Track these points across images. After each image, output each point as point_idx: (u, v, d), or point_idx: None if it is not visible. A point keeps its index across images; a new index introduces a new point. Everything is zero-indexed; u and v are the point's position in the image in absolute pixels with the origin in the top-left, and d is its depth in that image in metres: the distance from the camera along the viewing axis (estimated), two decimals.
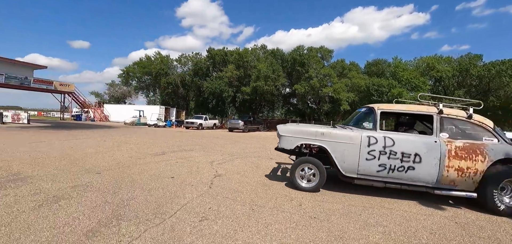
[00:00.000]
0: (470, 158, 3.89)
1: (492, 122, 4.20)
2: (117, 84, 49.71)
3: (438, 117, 4.16)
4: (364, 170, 4.25)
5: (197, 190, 4.34)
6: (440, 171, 3.95)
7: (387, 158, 4.12)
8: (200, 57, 39.01)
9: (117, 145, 9.47)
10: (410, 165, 4.06)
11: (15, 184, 4.14)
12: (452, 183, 3.97)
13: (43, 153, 7.15)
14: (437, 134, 4.09)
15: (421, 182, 4.08)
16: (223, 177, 5.35)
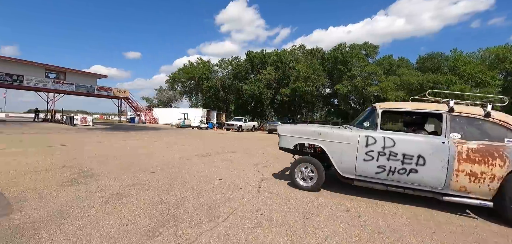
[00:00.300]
0: (485, 162, 3.42)
1: None
2: (164, 90, 53.83)
3: (448, 116, 3.76)
4: (362, 171, 4.06)
5: (246, 193, 4.26)
6: (448, 175, 3.56)
7: (387, 159, 3.87)
8: (239, 61, 39.97)
9: (166, 146, 10.08)
10: (412, 168, 3.74)
11: (86, 180, 4.59)
12: (463, 189, 3.55)
13: (106, 152, 7.94)
14: (447, 134, 3.70)
15: (426, 187, 3.73)
16: (270, 180, 5.20)
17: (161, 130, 22.77)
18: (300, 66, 31.10)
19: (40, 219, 2.91)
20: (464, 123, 3.72)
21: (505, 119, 3.59)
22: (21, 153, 7.19)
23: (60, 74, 31.21)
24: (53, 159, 6.48)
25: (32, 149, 7.91)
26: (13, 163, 5.81)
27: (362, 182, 4.13)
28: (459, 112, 3.76)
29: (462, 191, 3.56)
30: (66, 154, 7.31)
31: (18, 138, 10.88)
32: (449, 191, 3.62)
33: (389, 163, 3.86)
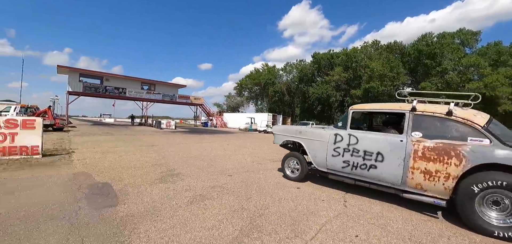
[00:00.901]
0: (440, 161, 3.34)
1: (487, 118, 3.41)
2: (232, 96, 57.49)
3: (411, 115, 3.78)
4: (332, 166, 4.46)
5: (330, 207, 3.74)
6: (404, 173, 3.65)
7: (350, 155, 4.20)
8: (304, 64, 39.06)
9: (238, 149, 10.37)
10: (372, 164, 3.98)
11: (173, 178, 4.94)
12: (419, 186, 3.57)
13: (187, 153, 8.66)
14: (408, 133, 3.74)
15: (385, 182, 3.90)
16: (355, 195, 4.50)
17: (231, 133, 24.07)
18: (374, 64, 27.99)
19: (138, 214, 3.14)
20: (426, 121, 3.68)
21: (468, 117, 3.40)
22: (125, 151, 8.54)
23: (151, 86, 37.08)
24: (147, 157, 7.40)
25: (131, 148, 9.33)
26: (119, 159, 6.88)
27: (333, 175, 4.52)
28: (421, 111, 3.75)
29: (418, 189, 3.57)
30: (156, 153, 8.28)
31: (122, 138, 13.17)
32: (406, 188, 3.68)
33: (352, 158, 4.18)
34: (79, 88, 29.33)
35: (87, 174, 5.07)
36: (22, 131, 6.92)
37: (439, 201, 3.39)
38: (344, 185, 4.95)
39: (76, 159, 6.84)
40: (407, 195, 3.66)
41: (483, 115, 3.53)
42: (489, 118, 3.51)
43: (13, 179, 4.55)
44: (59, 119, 19.31)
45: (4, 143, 6.68)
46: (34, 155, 6.95)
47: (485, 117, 3.49)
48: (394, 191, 3.80)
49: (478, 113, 3.53)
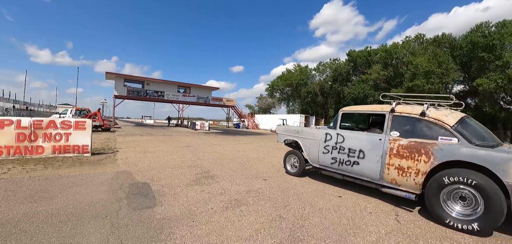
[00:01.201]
0: (412, 158, 3.61)
1: (458, 118, 3.60)
2: (264, 97, 57.50)
3: (390, 116, 4.05)
4: (323, 162, 4.91)
5: (380, 221, 3.29)
6: (382, 168, 3.93)
7: (337, 152, 4.61)
8: (338, 62, 37.35)
9: (272, 151, 10.13)
10: (355, 160, 4.32)
11: (207, 181, 4.90)
12: (394, 181, 3.81)
13: (220, 154, 8.69)
14: (387, 132, 4.00)
15: (366, 177, 4.18)
16: (408, 211, 3.94)
17: (263, 135, 23.95)
18: (418, 60, 25.50)
19: (175, 217, 3.09)
20: (403, 122, 3.93)
21: (439, 117, 3.61)
22: (163, 151, 8.89)
23: (186, 89, 38.84)
24: (183, 158, 7.57)
25: (169, 148, 9.69)
26: (157, 159, 7.13)
27: (325, 171, 4.92)
28: (399, 112, 3.99)
29: (393, 183, 3.81)
30: (192, 154, 8.44)
31: (161, 139, 13.85)
32: (383, 182, 3.93)
33: (339, 155, 4.57)
34: (124, 92, 31.92)
35: (128, 173, 5.28)
36: (75, 132, 7.59)
37: (410, 194, 3.63)
38: (393, 198, 4.40)
39: (119, 157, 7.26)
40: (385, 190, 3.92)
41: (455, 115, 3.68)
42: (461, 118, 3.66)
43: (67, 176, 4.92)
44: (106, 121, 21.17)
45: (60, 142, 7.39)
46: (84, 154, 7.56)
47: (456, 117, 3.64)
48: (375, 186, 4.09)
49: (450, 114, 3.71)
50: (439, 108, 3.97)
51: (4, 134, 6.91)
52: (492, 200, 2.89)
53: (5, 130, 6.95)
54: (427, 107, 3.81)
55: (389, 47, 31.23)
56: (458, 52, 26.71)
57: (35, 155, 7.06)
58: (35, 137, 7.17)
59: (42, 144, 7.20)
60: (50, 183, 4.39)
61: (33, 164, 6.10)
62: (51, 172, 5.20)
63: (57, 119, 7.53)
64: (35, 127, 7.21)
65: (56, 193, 3.86)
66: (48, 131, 7.32)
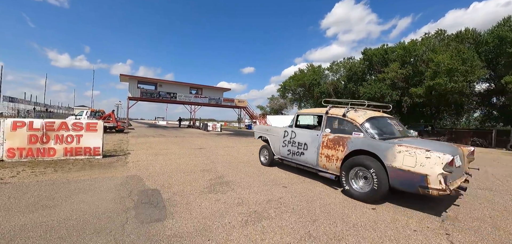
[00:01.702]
0: (334, 148, 4.61)
1: (366, 118, 4.54)
2: (275, 98, 56.90)
3: (325, 117, 5.09)
4: (282, 153, 6.01)
5: (428, 240, 2.73)
6: (317, 157, 4.96)
7: (291, 146, 5.68)
8: (353, 61, 36.18)
9: None
10: (301, 151, 5.39)
11: (222, 188, 4.47)
12: (324, 166, 4.82)
13: (234, 157, 8.28)
14: (323, 129, 5.02)
15: (309, 165, 5.19)
16: (460, 226, 3.34)
17: None
18: (440, 57, 24.14)
19: (187, 234, 2.67)
20: (332, 121, 5.05)
21: (354, 117, 4.62)
22: (175, 153, 8.59)
23: (198, 90, 38.91)
24: (196, 161, 7.21)
25: (181, 151, 9.39)
26: (169, 162, 6.81)
27: (285, 161, 6.02)
28: (331, 114, 5.04)
29: (324, 168, 4.84)
30: (205, 157, 8.08)
31: (173, 141, 13.65)
32: (318, 168, 4.96)
33: (292, 148, 5.66)
34: (137, 94, 32.33)
35: (139, 178, 4.96)
36: (86, 133, 7.41)
37: (331, 175, 4.63)
38: (434, 210, 3.80)
39: (131, 160, 7.00)
40: (321, 173, 4.88)
41: (365, 116, 4.59)
42: (368, 117, 4.58)
43: (75, 180, 4.65)
44: (120, 122, 21.36)
45: (71, 144, 7.22)
46: (96, 156, 7.37)
47: (365, 117, 4.56)
48: (315, 171, 5.05)
49: (363, 114, 4.63)
50: (357, 111, 4.86)
51: (17, 136, 6.81)
52: (380, 178, 3.76)
53: (18, 131, 6.85)
54: (347, 110, 4.82)
55: (407, 45, 29.86)
56: (483, 48, 25.10)
57: (47, 157, 6.92)
58: (47, 138, 7.03)
59: (54, 146, 7.06)
60: (57, 189, 4.11)
61: (44, 166, 5.92)
62: (59, 176, 4.96)
63: (69, 120, 7.38)
64: (47, 129, 7.08)
65: (61, 201, 3.56)
66: (60, 133, 7.17)
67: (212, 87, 40.82)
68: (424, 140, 4.83)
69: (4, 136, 6.71)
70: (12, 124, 6.82)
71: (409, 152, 3.56)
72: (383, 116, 5.03)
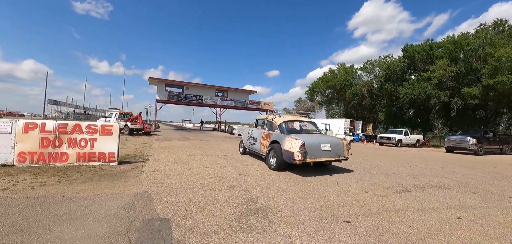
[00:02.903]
0: (266, 139, 7.33)
1: (281, 121, 7.19)
2: (302, 101, 54.67)
3: (267, 120, 7.93)
4: (247, 146, 8.96)
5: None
6: (260, 146, 7.77)
7: (251, 139, 8.54)
8: (391, 60, 32.94)
9: None
10: (254, 143, 8.23)
11: (258, 221, 3.13)
12: (262, 151, 7.47)
13: (267, 168, 6.94)
14: (264, 128, 7.89)
15: (257, 151, 7.91)
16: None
17: None
18: (502, 51, 20.56)
19: None
20: (269, 123, 7.70)
21: (276, 120, 7.36)
22: (197, 160, 7.49)
23: (224, 93, 38.41)
24: (221, 172, 5.99)
25: (205, 158, 8.29)
26: (189, 173, 5.66)
27: (249, 150, 8.95)
28: (268, 119, 7.87)
29: (263, 153, 7.42)
30: (231, 167, 6.86)
31: (197, 145, 12.72)
32: (261, 153, 7.65)
33: (251, 140, 8.52)
34: (165, 96, 32.61)
35: (148, 198, 3.82)
36: (101, 137, 6.59)
37: (263, 154, 7.39)
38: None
39: (147, 169, 6.00)
40: (263, 157, 7.45)
41: (282, 119, 7.32)
42: (283, 121, 7.20)
43: (72, 199, 3.66)
44: (147, 125, 21.21)
45: (85, 149, 6.44)
46: (110, 162, 6.51)
47: (281, 120, 7.24)
48: (259, 155, 7.90)
49: (280, 119, 7.32)
50: (281, 116, 7.96)
51: (29, 139, 6.17)
52: (278, 155, 6.39)
53: (30, 134, 6.21)
54: (273, 117, 7.81)
55: (458, 39, 26.20)
56: None
57: (59, 163, 6.20)
58: (59, 142, 6.32)
59: (67, 150, 6.32)
60: (42, 212, 3.10)
61: (49, 175, 5.11)
62: (57, 191, 4.02)
63: (84, 123, 6.61)
64: (59, 131, 6.36)
65: (41, 231, 2.51)
66: (73, 136, 6.42)
67: (238, 90, 40.09)
68: (303, 134, 6.90)
69: (15, 138, 6.11)
70: (24, 125, 6.20)
71: (290, 140, 6.09)
72: (295, 120, 7.73)
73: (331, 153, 6.37)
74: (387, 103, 33.21)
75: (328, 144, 6.36)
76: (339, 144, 6.64)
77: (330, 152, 6.35)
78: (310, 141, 6.10)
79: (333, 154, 6.41)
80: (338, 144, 6.63)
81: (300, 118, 8.10)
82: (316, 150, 6.11)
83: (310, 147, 5.96)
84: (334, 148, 6.44)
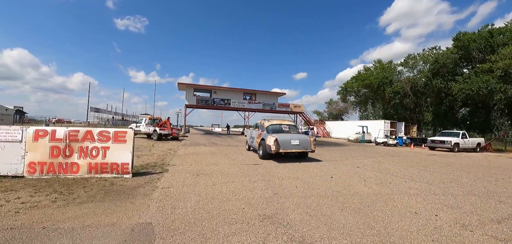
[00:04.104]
0: (258, 138, 9.77)
1: (268, 124, 9.87)
2: (334, 102, 51.62)
3: (261, 124, 10.54)
4: (249, 143, 11.68)
5: None
6: (254, 142, 10.64)
7: (252, 138, 11.26)
8: (438, 52, 29.02)
9: (384, 179, 6.42)
10: (252, 141, 11.09)
11: None
12: (256, 146, 10.18)
13: (308, 184, 5.53)
14: (259, 130, 10.42)
15: (255, 147, 10.44)
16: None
17: (343, 146, 19.61)
18: None
19: None
20: (262, 126, 10.27)
21: (265, 124, 10.02)
22: (222, 172, 6.36)
23: (252, 96, 37.50)
24: (250, 191, 4.73)
25: (231, 169, 7.13)
26: (211, 192, 4.50)
27: (251, 147, 11.51)
28: (261, 123, 10.65)
29: (256, 147, 10.18)
30: (263, 182, 5.57)
31: (225, 151, 11.69)
32: (256, 148, 10.49)
33: (251, 139, 11.27)
34: (193, 101, 32.68)
35: (149, 237, 2.69)
36: (113, 145, 5.76)
37: (256, 148, 10.55)
38: None
39: (161, 185, 4.97)
40: (257, 151, 10.25)
41: (269, 122, 10.02)
42: (270, 124, 9.82)
43: (52, 232, 2.68)
44: (175, 130, 20.95)
45: (96, 159, 5.65)
46: (124, 174, 5.64)
47: (269, 123, 9.94)
48: (254, 150, 11.31)
49: (268, 123, 10.01)
50: (269, 120, 10.31)
51: (39, 147, 5.55)
52: (264, 148, 8.87)
53: (39, 142, 5.60)
54: (264, 121, 10.43)
55: None
56: None
57: (69, 174, 5.49)
58: (70, 151, 5.62)
59: (77, 161, 5.59)
60: None
61: (51, 191, 4.38)
62: (44, 217, 3.15)
63: (96, 130, 5.86)
64: (70, 139, 5.67)
65: None
66: (84, 144, 5.69)
67: (266, 92, 38.94)
68: (280, 133, 9.18)
69: (26, 147, 5.55)
70: (34, 132, 5.61)
71: (270, 137, 8.70)
72: (279, 123, 10.16)
73: (299, 146, 8.76)
74: (435, 102, 29.33)
75: (297, 140, 8.82)
76: (307, 140, 9.08)
77: (299, 145, 8.74)
78: (282, 138, 8.63)
79: (301, 147, 8.80)
80: (306, 140, 9.06)
81: (283, 122, 10.61)
82: (287, 144, 8.56)
83: (282, 142, 8.47)
84: (302, 142, 8.84)
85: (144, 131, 19.72)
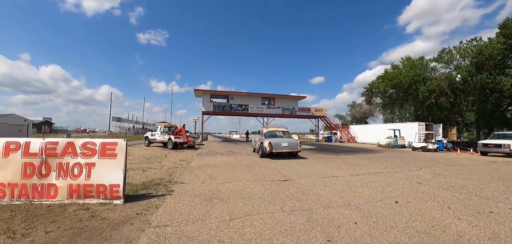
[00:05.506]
0: (259, 142, 12.98)
1: (266, 131, 13.16)
2: (358, 105, 48.60)
3: (261, 131, 13.72)
4: (254, 146, 14.82)
5: None
6: (256, 146, 14.04)
7: (255, 142, 14.12)
8: (481, 44, 25.72)
9: (473, 204, 4.53)
10: (255, 145, 14.58)
11: None
12: (257, 148, 13.48)
13: (361, 211, 3.82)
14: (260, 135, 13.55)
15: (257, 150, 13.55)
16: None
17: (372, 152, 17.35)
18: None
19: None
20: (262, 132, 13.59)
21: (263, 130, 13.62)
22: (242, 195, 4.79)
23: (270, 100, 35.92)
24: (285, 227, 3.10)
25: (254, 188, 5.55)
26: (228, 235, 2.93)
27: (255, 149, 14.59)
28: (261, 130, 14.20)
29: (258, 148, 13.64)
30: (302, 211, 3.93)
31: (244, 162, 10.16)
32: (258, 150, 13.28)
33: (254, 143, 14.62)
34: (210, 107, 31.72)
35: None
36: (100, 161, 4.41)
37: (257, 150, 14.07)
38: None
39: (156, 222, 3.48)
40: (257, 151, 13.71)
41: (267, 129, 13.46)
42: (268, 130, 13.34)
43: None
44: (190, 138, 19.83)
45: (79, 179, 4.31)
46: (113, 199, 4.26)
47: (267, 130, 13.41)
48: (256, 151, 14.06)
49: (267, 129, 13.53)
50: (267, 128, 13.59)
51: (9, 164, 4.32)
52: (262, 149, 11.61)
53: (10, 158, 4.37)
54: (263, 128, 13.91)
55: None
56: None
57: (45, 200, 4.21)
58: (47, 169, 4.35)
59: (56, 182, 4.30)
60: None
61: (6, 226, 3.02)
62: None
63: (78, 141, 4.56)
64: (47, 154, 4.40)
65: None
66: (64, 160, 4.39)
67: (285, 96, 37.19)
68: (274, 138, 12.17)
69: None
70: (4, 146, 4.40)
71: (266, 141, 11.61)
72: (274, 130, 13.22)
73: (288, 147, 11.49)
74: (478, 100, 25.94)
75: (286, 142, 11.58)
76: (294, 142, 11.82)
77: (287, 147, 11.48)
78: (275, 141, 11.49)
79: (290, 148, 11.52)
80: (293, 142, 11.80)
81: (278, 129, 13.40)
82: (278, 146, 11.31)
83: (275, 144, 11.29)
84: (290, 144, 11.58)
85: (159, 139, 18.80)
